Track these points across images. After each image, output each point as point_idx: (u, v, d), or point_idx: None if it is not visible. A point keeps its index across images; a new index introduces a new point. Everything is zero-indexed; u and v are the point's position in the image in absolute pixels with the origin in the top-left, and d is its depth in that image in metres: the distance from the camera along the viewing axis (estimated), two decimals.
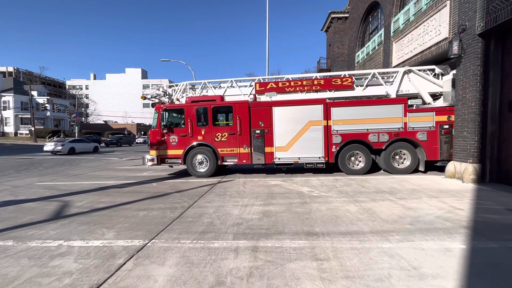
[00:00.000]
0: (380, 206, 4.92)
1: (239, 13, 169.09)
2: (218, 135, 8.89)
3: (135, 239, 3.58)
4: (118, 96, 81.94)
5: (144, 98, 10.47)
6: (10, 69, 64.13)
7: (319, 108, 8.54)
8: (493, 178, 6.86)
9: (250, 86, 10.44)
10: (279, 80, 10.25)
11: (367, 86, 9.62)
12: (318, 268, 2.71)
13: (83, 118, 63.32)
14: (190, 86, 10.93)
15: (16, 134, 46.52)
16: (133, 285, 2.46)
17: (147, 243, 3.42)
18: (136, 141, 48.96)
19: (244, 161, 8.87)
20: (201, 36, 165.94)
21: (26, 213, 4.95)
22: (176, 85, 11.08)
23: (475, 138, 6.92)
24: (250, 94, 10.17)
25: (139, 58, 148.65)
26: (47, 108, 42.61)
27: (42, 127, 47.58)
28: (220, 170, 9.56)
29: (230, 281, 2.49)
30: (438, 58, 9.94)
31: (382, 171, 9.01)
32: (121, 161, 15.94)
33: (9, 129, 46.94)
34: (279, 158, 8.71)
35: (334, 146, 8.52)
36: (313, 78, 9.92)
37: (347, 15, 22.41)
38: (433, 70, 9.44)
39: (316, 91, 9.68)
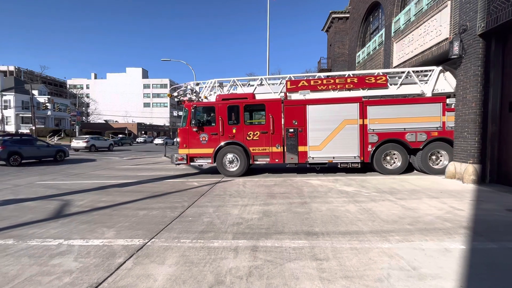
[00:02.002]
0: (380, 206, 4.92)
1: (239, 13, 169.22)
2: (250, 133, 8.74)
3: (135, 238, 3.59)
4: (119, 96, 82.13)
5: (170, 96, 10.27)
6: (11, 68, 64.24)
7: (355, 106, 8.42)
8: (493, 178, 6.85)
9: (281, 84, 10.25)
10: (311, 78, 10.06)
11: (401, 84, 9.46)
12: (318, 268, 2.71)
13: (83, 118, 63.35)
14: (218, 84, 10.71)
15: (17, 133, 46.55)
16: (132, 284, 2.47)
17: (147, 242, 3.43)
18: (137, 140, 47.59)
19: (277, 160, 8.72)
20: (201, 36, 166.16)
21: (26, 212, 4.96)
22: (203, 83, 10.87)
23: (476, 139, 6.92)
24: (281, 92, 9.97)
25: (140, 58, 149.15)
26: (48, 107, 42.64)
27: (43, 126, 47.64)
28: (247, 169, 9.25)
29: (230, 281, 2.49)
30: (439, 59, 9.92)
31: (415, 171, 8.87)
32: (122, 161, 15.96)
33: (10, 128, 47.01)
34: (313, 158, 8.57)
35: (370, 146, 8.41)
36: (346, 76, 9.73)
37: (348, 15, 22.39)
38: None
39: (349, 89, 9.47)
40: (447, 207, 4.80)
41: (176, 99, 10.32)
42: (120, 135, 41.64)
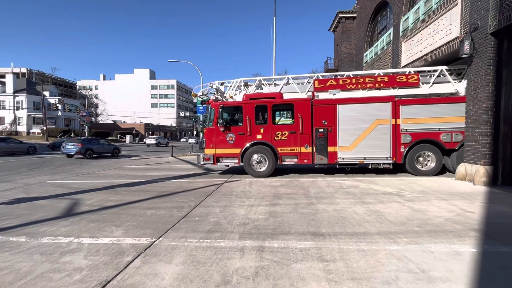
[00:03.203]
0: (388, 208, 4.86)
1: (245, 13, 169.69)
2: (278, 133, 8.62)
3: (143, 237, 3.63)
4: (126, 96, 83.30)
5: (195, 95, 10.23)
6: (24, 70, 65.88)
7: (387, 106, 8.26)
8: (505, 180, 6.68)
9: (308, 83, 10.11)
10: (339, 77, 9.86)
11: (433, 83, 9.23)
12: (324, 269, 2.70)
13: (92, 118, 64.51)
14: (243, 83, 10.61)
15: (28, 133, 47.74)
16: (140, 282, 2.50)
17: (154, 241, 3.47)
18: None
19: (305, 161, 8.59)
20: (207, 36, 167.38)
21: (38, 210, 5.08)
22: (228, 82, 10.79)
23: (487, 140, 6.76)
24: (308, 91, 9.80)
25: (147, 59, 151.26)
26: (58, 108, 43.57)
27: (53, 126, 48.68)
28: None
29: (236, 281, 2.50)
30: (448, 58, 9.75)
31: (447, 172, 8.65)
32: (130, 161, 16.18)
33: (22, 128, 48.21)
34: (343, 158, 8.44)
35: (402, 146, 8.23)
36: (376, 75, 9.55)
37: (355, 14, 22.20)
38: None
39: (379, 88, 9.25)
40: (458, 209, 4.70)
41: (199, 99, 10.30)
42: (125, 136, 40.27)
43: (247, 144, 8.70)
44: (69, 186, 7.56)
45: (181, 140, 47.84)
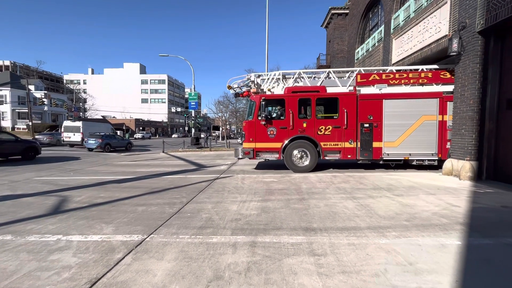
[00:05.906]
0: (378, 203, 4.96)
1: (237, 7, 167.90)
2: (321, 128, 8.48)
3: (134, 234, 3.59)
4: (116, 91, 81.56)
5: (230, 87, 9.95)
6: (7, 62, 63.38)
7: (435, 102, 8.19)
8: (490, 175, 6.92)
9: (348, 77, 9.94)
10: (382, 71, 9.71)
11: None
12: (316, 263, 2.74)
13: (81, 113, 62.92)
14: (282, 76, 10.35)
15: (13, 128, 46.13)
16: (132, 279, 2.48)
17: (145, 238, 3.44)
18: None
19: (349, 156, 8.49)
20: (199, 31, 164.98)
21: (24, 207, 4.94)
22: (266, 75, 10.50)
23: (473, 136, 6.96)
24: (349, 85, 9.62)
25: (137, 53, 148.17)
26: (45, 102, 42.30)
27: (39, 121, 47.19)
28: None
29: (228, 276, 2.51)
30: (438, 56, 9.92)
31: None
32: (119, 157, 15.91)
33: (6, 123, 46.59)
34: (388, 154, 8.39)
35: (449, 143, 8.12)
36: (420, 70, 9.38)
37: (347, 11, 22.29)
38: None
39: (422, 84, 9.03)
40: (444, 204, 4.84)
41: (233, 91, 10.05)
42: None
43: (289, 138, 8.55)
44: (57, 183, 7.38)
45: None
